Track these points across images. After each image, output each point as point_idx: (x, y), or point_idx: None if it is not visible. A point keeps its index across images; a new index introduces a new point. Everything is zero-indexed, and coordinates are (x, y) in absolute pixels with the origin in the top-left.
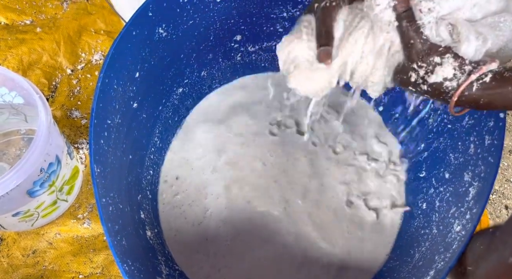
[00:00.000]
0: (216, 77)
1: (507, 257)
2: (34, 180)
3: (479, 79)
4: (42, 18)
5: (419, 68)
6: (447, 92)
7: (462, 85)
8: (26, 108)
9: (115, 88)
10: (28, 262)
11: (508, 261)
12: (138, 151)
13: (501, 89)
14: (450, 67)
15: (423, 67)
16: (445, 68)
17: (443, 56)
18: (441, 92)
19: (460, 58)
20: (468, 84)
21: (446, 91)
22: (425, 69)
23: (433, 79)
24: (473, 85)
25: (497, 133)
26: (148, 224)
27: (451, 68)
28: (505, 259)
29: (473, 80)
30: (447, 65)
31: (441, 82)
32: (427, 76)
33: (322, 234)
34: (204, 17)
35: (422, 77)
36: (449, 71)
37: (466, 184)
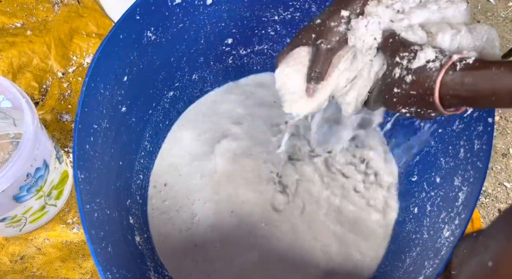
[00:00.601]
0: (208, 81)
1: (487, 261)
2: (20, 186)
3: (462, 60)
4: (33, 21)
5: (401, 59)
6: (431, 75)
7: (446, 64)
8: (14, 112)
9: (102, 92)
10: (16, 268)
11: (488, 265)
12: (127, 156)
13: (485, 70)
14: (430, 50)
15: (405, 57)
16: (426, 51)
17: (423, 44)
18: (425, 77)
19: (438, 47)
20: (451, 64)
21: (430, 75)
22: (408, 57)
23: (416, 64)
24: (457, 65)
25: (485, 137)
26: (137, 230)
27: (431, 51)
28: (485, 262)
29: (456, 60)
30: (427, 49)
31: (424, 65)
32: (410, 64)
33: (313, 239)
34: (194, 21)
35: (405, 67)
36: (430, 53)
37: (456, 188)
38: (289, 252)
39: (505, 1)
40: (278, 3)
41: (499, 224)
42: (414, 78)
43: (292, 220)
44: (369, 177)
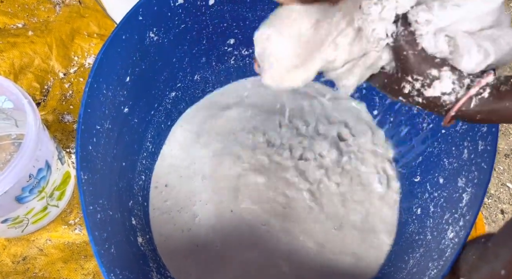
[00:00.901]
0: (210, 81)
1: (499, 269)
2: (22, 186)
3: (478, 94)
4: (34, 21)
5: (414, 81)
6: (444, 105)
7: (461, 100)
8: (16, 112)
9: (104, 93)
10: (18, 269)
11: (500, 273)
12: (129, 156)
13: (498, 104)
14: (449, 81)
15: (419, 80)
16: (444, 83)
17: (441, 69)
18: (437, 106)
19: (457, 71)
20: (467, 99)
21: (443, 105)
22: (421, 82)
23: (430, 93)
24: (472, 100)
25: (490, 138)
26: (139, 230)
27: (450, 82)
28: (497, 271)
29: (472, 95)
30: (445, 79)
31: (438, 97)
32: (423, 89)
33: (314, 238)
34: (196, 21)
35: (417, 89)
36: (447, 85)
37: (460, 189)
38: (290, 252)
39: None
40: None
41: (509, 231)
42: (425, 102)
43: (293, 221)
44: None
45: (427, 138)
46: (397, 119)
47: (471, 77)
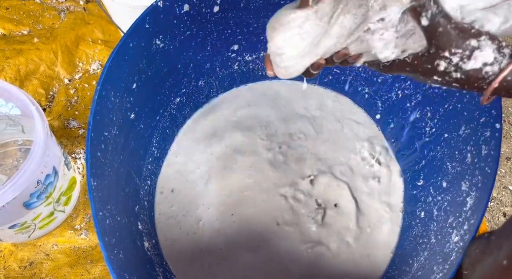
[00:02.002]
0: (214, 86)
1: (501, 260)
2: (30, 192)
3: None
4: (39, 28)
5: (452, 55)
6: (485, 78)
7: (506, 69)
8: (23, 119)
9: (112, 100)
10: (25, 274)
11: (503, 264)
12: (135, 162)
13: None
14: (489, 50)
15: (457, 54)
16: (485, 52)
17: (479, 39)
18: (478, 79)
19: (496, 40)
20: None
21: (485, 77)
22: (460, 55)
23: (471, 65)
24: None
25: (493, 143)
26: (146, 235)
27: (491, 52)
28: (500, 262)
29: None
30: (486, 48)
31: (480, 68)
32: (462, 63)
33: (318, 243)
34: (201, 28)
35: (455, 64)
36: (489, 54)
37: (464, 193)
38: (294, 255)
39: None
40: None
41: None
42: (464, 77)
43: (296, 224)
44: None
45: (430, 142)
46: (399, 123)
47: (510, 48)
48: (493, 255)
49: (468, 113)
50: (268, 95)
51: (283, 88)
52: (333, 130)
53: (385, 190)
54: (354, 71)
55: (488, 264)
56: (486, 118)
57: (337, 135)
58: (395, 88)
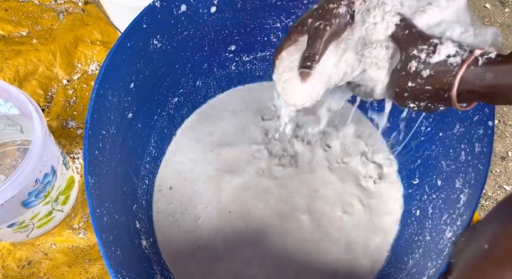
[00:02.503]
0: (211, 87)
1: (483, 244)
2: (29, 191)
3: (484, 55)
4: (38, 29)
5: (419, 52)
6: (451, 70)
7: (468, 59)
8: (21, 119)
9: (110, 99)
10: (23, 273)
11: (484, 247)
12: (133, 161)
13: (508, 65)
14: (451, 45)
15: (423, 50)
16: (447, 46)
17: (440, 38)
18: (445, 73)
19: (457, 42)
20: (473, 59)
21: (450, 69)
22: (427, 51)
23: (436, 59)
24: (478, 60)
25: (486, 140)
26: (143, 234)
27: (452, 46)
28: (481, 246)
29: (478, 54)
30: (447, 43)
31: (444, 60)
32: (429, 58)
33: (314, 240)
34: (198, 28)
35: (423, 61)
36: (451, 48)
37: (458, 191)
38: (290, 253)
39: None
40: (280, 11)
41: (494, 212)
42: (432, 73)
43: (295, 224)
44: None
45: (425, 141)
46: (395, 123)
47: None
48: (476, 241)
49: (462, 112)
50: (266, 95)
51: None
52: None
53: (382, 189)
54: None
55: (471, 249)
56: (479, 116)
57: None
58: None
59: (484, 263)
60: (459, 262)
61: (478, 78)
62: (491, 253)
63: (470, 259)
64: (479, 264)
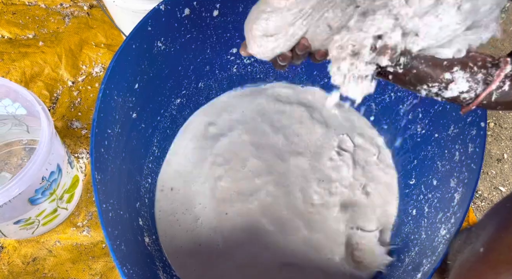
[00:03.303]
0: (213, 88)
1: (478, 248)
2: (35, 188)
3: (498, 88)
4: (44, 32)
5: (430, 88)
6: (464, 102)
7: (481, 95)
8: (28, 119)
9: (115, 99)
10: (28, 270)
11: (479, 251)
12: (137, 160)
13: None
14: (463, 81)
15: (435, 86)
16: (459, 83)
17: (452, 71)
18: (457, 101)
19: (468, 67)
20: (487, 95)
21: (463, 102)
22: (438, 87)
23: (449, 94)
24: (492, 94)
25: (478, 141)
26: (146, 231)
27: (464, 81)
28: (477, 249)
29: (493, 89)
30: (460, 80)
31: (457, 96)
32: (441, 92)
33: (313, 237)
34: (201, 31)
35: (435, 93)
36: (463, 85)
37: (452, 190)
38: (288, 251)
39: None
40: None
41: (490, 216)
42: (444, 99)
43: (289, 221)
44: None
45: (421, 143)
46: (392, 125)
47: (483, 71)
48: (472, 244)
49: (456, 113)
50: (265, 97)
51: (281, 90)
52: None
53: (380, 190)
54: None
55: (467, 252)
56: (472, 117)
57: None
58: (388, 91)
59: (479, 267)
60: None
61: (491, 106)
62: (487, 257)
63: (466, 262)
64: (475, 267)
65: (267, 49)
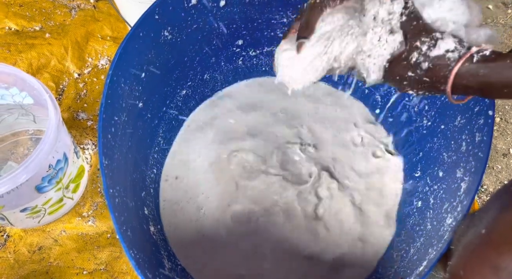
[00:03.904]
0: (218, 80)
1: (481, 229)
2: (42, 176)
3: (479, 52)
4: (51, 24)
5: (421, 44)
6: (448, 64)
7: (464, 56)
8: (35, 108)
9: (122, 86)
10: (34, 258)
11: (481, 233)
12: (143, 150)
13: (501, 62)
14: (451, 40)
15: (425, 42)
16: (447, 41)
17: (443, 33)
18: (442, 66)
19: (458, 38)
20: (469, 56)
21: (447, 64)
22: (428, 44)
23: (436, 52)
24: (473, 56)
25: (486, 129)
26: (151, 220)
27: (451, 41)
28: (479, 231)
29: (474, 52)
30: (448, 39)
31: (443, 54)
32: (429, 51)
33: (317, 228)
34: (207, 22)
35: (424, 53)
36: (450, 43)
37: (458, 180)
38: (293, 242)
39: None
40: (288, 6)
41: (492, 201)
42: (431, 65)
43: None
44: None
45: (427, 135)
46: (398, 117)
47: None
48: (475, 227)
49: (463, 104)
50: (270, 89)
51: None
52: (332, 120)
53: (384, 182)
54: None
55: (470, 235)
56: (480, 107)
57: (336, 127)
58: None
59: (482, 247)
60: (458, 248)
61: (472, 74)
62: (489, 237)
63: (469, 244)
64: (477, 248)
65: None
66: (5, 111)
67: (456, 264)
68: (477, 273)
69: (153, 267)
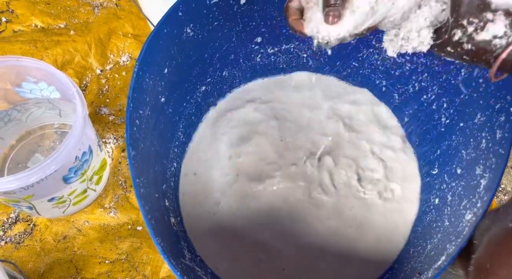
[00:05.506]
0: (237, 77)
1: (508, 223)
2: (69, 167)
3: None
4: (75, 22)
5: (468, 24)
6: (493, 50)
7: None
8: (61, 102)
9: (147, 81)
10: (59, 247)
11: (508, 226)
12: (164, 144)
13: None
14: (501, 24)
15: (473, 23)
16: (497, 25)
17: (495, 13)
18: (486, 51)
19: (510, 16)
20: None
21: (492, 50)
22: (475, 26)
23: (482, 37)
24: None
25: (508, 126)
26: (172, 212)
27: (502, 25)
28: (506, 225)
29: None
30: (499, 22)
31: (489, 40)
32: (475, 33)
33: (331, 224)
34: (228, 19)
35: (469, 34)
36: (500, 28)
37: (478, 177)
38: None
39: None
40: None
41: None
42: (474, 48)
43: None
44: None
45: (446, 132)
46: (415, 114)
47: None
48: (500, 221)
49: (483, 101)
50: (288, 87)
51: (304, 79)
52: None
53: (402, 179)
54: (372, 64)
55: (495, 229)
56: (501, 104)
57: (353, 124)
58: (412, 81)
59: (508, 241)
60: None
61: None
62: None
63: (494, 237)
64: (503, 241)
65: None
66: (33, 105)
67: (481, 257)
68: (504, 264)
69: (175, 256)
